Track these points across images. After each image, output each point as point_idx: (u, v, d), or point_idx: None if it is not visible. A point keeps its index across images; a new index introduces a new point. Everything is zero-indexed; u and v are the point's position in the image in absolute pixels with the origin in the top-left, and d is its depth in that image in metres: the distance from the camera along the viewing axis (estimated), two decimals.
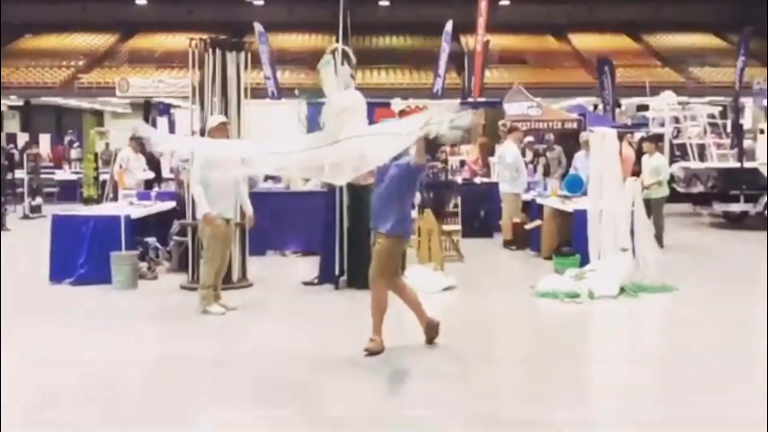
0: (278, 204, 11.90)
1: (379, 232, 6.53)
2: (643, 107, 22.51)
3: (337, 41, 8.54)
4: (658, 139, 16.21)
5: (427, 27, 33.61)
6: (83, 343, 7.06)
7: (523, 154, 14.19)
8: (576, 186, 11.79)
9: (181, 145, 8.98)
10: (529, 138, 15.86)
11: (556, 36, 40.88)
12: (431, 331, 6.77)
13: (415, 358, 6.41)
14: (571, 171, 13.38)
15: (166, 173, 15.77)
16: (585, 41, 39.77)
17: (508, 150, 12.86)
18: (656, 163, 12.68)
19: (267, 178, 13.26)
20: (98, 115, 37.08)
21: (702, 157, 18.72)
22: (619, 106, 25.77)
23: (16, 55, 37.24)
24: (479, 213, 13.81)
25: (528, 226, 12.16)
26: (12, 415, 5.06)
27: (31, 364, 6.36)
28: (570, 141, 15.50)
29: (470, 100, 20.77)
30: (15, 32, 38.18)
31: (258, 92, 18.56)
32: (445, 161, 14.21)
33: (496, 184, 13.37)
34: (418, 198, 10.57)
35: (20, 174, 19.61)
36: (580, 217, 10.02)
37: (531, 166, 15.27)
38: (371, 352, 6.40)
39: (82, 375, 6.03)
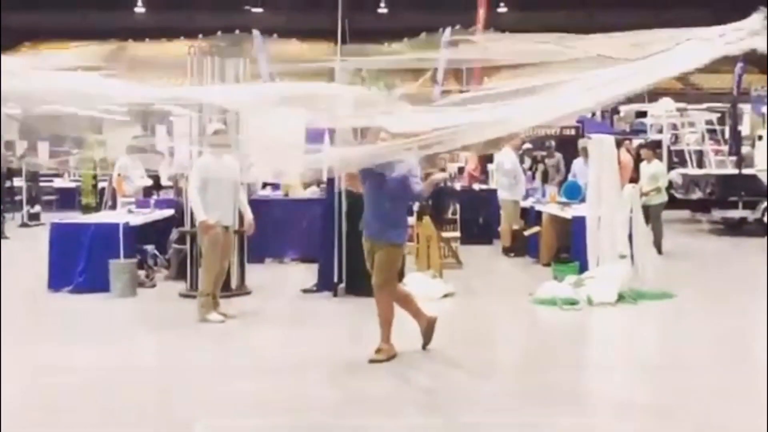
0: (277, 211, 11.89)
1: (379, 244, 6.54)
2: (642, 114, 22.52)
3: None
4: (656, 145, 16.21)
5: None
6: (82, 351, 7.03)
7: (522, 161, 14.20)
8: (574, 193, 11.80)
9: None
10: (528, 145, 15.87)
11: None
12: (430, 330, 6.74)
13: (413, 366, 6.40)
14: (570, 178, 13.38)
15: (164, 181, 15.72)
16: None
17: (506, 157, 12.87)
18: (654, 170, 12.70)
19: (265, 185, 13.27)
20: (97, 123, 37.02)
21: (700, 163, 18.73)
22: (618, 112, 25.76)
23: None
24: (478, 220, 13.81)
25: (527, 233, 12.16)
26: (11, 422, 5.05)
27: (30, 372, 6.35)
28: (568, 147, 15.50)
29: None
30: (14, 40, 38.21)
31: None
32: (444, 168, 14.21)
33: (494, 191, 13.39)
34: (416, 204, 10.57)
35: (19, 182, 19.58)
36: (579, 223, 10.01)
37: (529, 173, 15.28)
38: (382, 360, 6.39)
39: (80, 382, 6.01)
